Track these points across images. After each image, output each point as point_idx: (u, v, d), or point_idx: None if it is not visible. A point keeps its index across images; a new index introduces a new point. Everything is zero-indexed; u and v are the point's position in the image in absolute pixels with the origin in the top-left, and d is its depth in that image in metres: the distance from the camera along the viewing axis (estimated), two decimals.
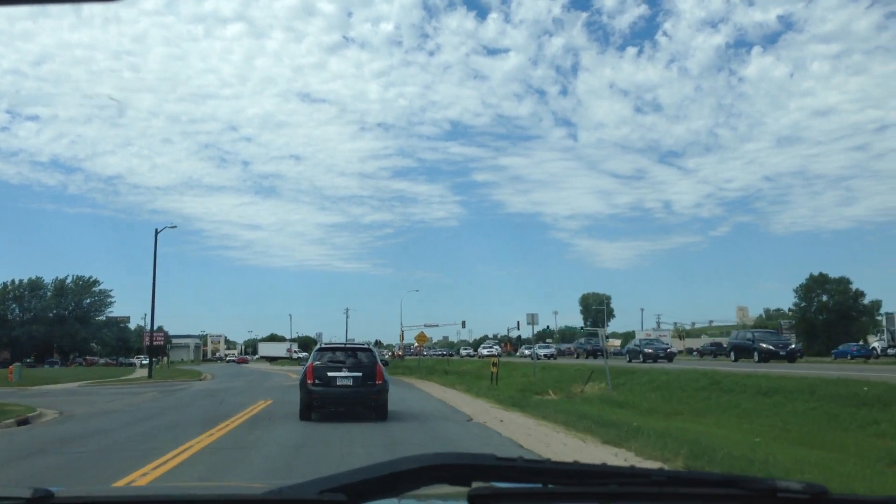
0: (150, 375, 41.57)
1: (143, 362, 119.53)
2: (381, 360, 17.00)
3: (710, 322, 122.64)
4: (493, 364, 31.70)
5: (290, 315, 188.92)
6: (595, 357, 46.16)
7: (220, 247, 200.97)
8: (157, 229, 39.83)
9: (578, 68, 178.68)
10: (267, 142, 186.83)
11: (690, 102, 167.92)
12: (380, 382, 15.32)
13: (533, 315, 36.62)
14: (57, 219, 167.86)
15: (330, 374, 15.22)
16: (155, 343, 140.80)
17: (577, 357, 52.97)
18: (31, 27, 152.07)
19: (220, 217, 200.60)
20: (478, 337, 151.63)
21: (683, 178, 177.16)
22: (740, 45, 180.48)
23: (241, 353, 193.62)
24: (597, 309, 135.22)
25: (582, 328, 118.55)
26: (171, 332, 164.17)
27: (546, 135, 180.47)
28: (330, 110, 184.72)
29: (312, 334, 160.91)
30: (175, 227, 37.83)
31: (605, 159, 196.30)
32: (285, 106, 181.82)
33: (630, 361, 42.24)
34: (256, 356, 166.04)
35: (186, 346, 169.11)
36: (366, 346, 18.13)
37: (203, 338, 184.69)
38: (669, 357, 42.74)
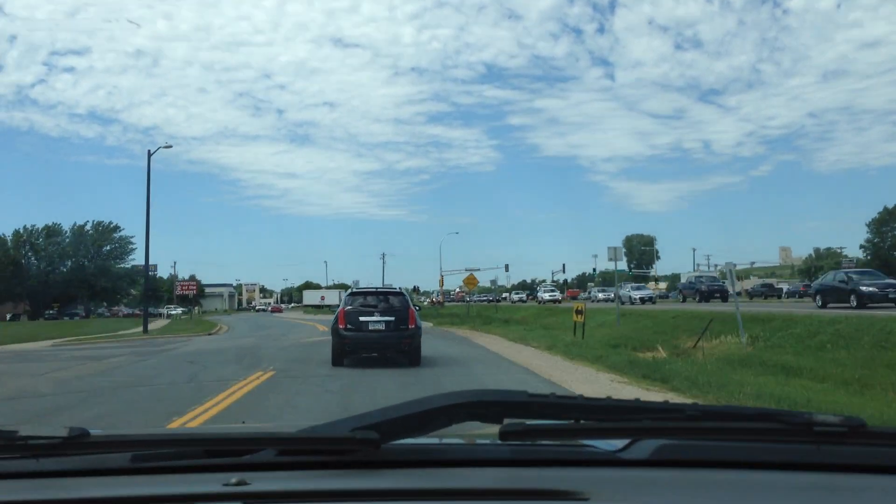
0: (145, 330, 34.24)
1: (172, 312, 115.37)
2: (414, 306, 16.27)
3: (752, 263, 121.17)
4: (578, 311, 23.85)
5: (326, 262, 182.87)
6: (707, 301, 39.97)
7: (257, 196, 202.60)
8: (149, 150, 32.46)
9: (616, 5, 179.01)
10: (301, 89, 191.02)
11: (732, 37, 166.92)
12: (412, 326, 15.09)
13: (615, 249, 28.49)
14: (96, 170, 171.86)
15: (362, 318, 14.93)
16: (187, 292, 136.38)
17: (685, 301, 44.73)
18: None
19: (257, 166, 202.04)
20: (515, 282, 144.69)
21: (724, 117, 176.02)
22: None
23: (277, 302, 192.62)
24: (641, 251, 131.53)
25: (629, 271, 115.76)
26: (205, 281, 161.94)
27: (583, 75, 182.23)
28: (363, 55, 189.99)
29: (349, 282, 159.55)
30: (170, 146, 30.58)
31: (643, 99, 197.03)
32: (318, 52, 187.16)
33: (684, 301, 41.67)
34: (290, 305, 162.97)
35: (220, 296, 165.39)
36: (398, 289, 17.06)
37: (238, 287, 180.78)
38: (724, 296, 39.54)
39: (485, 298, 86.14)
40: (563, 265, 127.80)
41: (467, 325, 35.67)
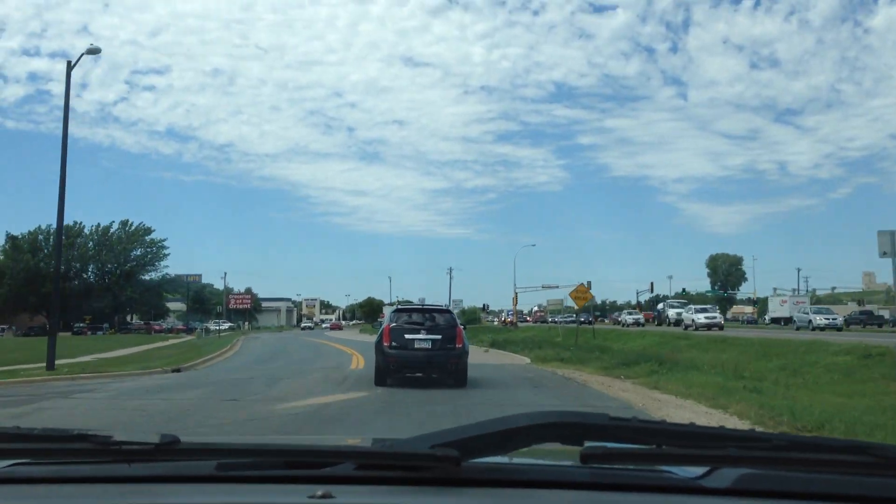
0: (49, 365, 19.03)
1: (215, 327, 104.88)
2: (461, 324, 16.03)
3: (833, 289, 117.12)
4: None
5: (390, 278, 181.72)
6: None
7: (327, 213, 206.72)
8: (69, 61, 19.98)
9: (690, 23, 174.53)
10: (371, 107, 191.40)
11: (811, 57, 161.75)
12: (459, 346, 14.76)
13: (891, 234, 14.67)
14: (173, 186, 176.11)
15: (407, 336, 14.62)
16: (241, 306, 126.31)
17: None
18: None
19: (327, 183, 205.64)
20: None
21: (801, 138, 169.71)
22: None
23: (339, 318, 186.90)
24: (727, 271, 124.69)
25: (710, 291, 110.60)
26: (263, 295, 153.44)
27: (654, 95, 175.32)
28: (433, 74, 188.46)
29: (414, 298, 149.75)
30: (98, 51, 17.43)
31: (716, 119, 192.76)
32: (389, 70, 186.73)
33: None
34: (352, 322, 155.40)
35: (277, 311, 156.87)
36: (445, 307, 17.13)
37: (297, 303, 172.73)
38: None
39: (569, 320, 71.76)
40: (652, 284, 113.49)
41: (580, 363, 21.79)
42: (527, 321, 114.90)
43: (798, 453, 1.40)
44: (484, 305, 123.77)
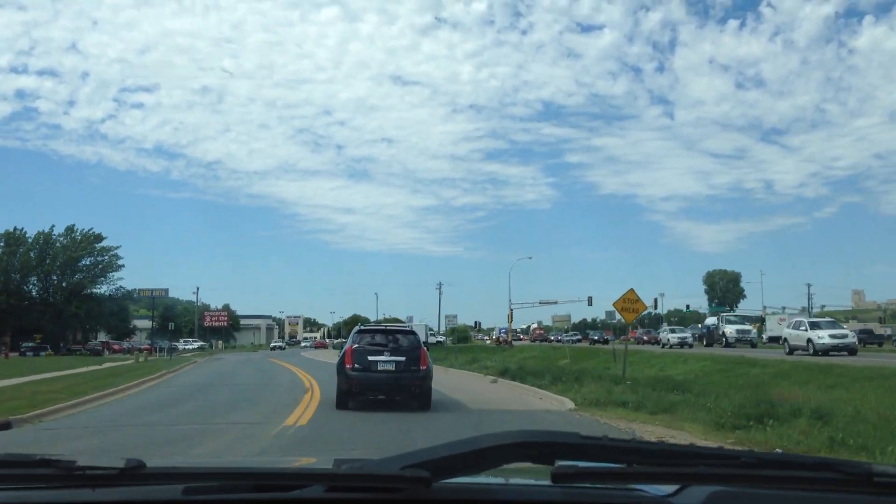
0: None
1: (188, 346, 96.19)
2: (424, 344, 16.03)
3: (823, 307, 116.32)
4: None
5: (377, 294, 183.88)
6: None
7: (315, 230, 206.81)
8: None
9: (676, 44, 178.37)
10: (360, 125, 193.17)
11: (796, 77, 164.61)
12: (424, 368, 14.34)
13: None
14: (161, 203, 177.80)
15: (371, 357, 14.18)
16: (217, 323, 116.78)
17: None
18: (136, 15, 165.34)
19: (315, 201, 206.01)
20: (579, 319, 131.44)
21: (787, 157, 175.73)
22: (851, 14, 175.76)
23: (324, 336, 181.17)
24: (725, 288, 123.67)
25: (710, 308, 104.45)
26: (243, 312, 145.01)
27: (641, 114, 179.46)
28: (422, 93, 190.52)
29: (402, 316, 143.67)
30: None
31: (703, 138, 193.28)
32: (378, 89, 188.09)
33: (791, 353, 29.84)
34: (337, 340, 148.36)
35: (256, 328, 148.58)
36: (408, 328, 16.83)
37: (279, 320, 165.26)
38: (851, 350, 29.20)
39: (573, 338, 63.74)
40: (656, 300, 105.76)
41: (665, 412, 13.48)
42: (521, 339, 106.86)
43: (767, 470, 1.41)
44: (476, 323, 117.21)
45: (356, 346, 14.46)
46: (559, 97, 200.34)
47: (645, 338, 64.96)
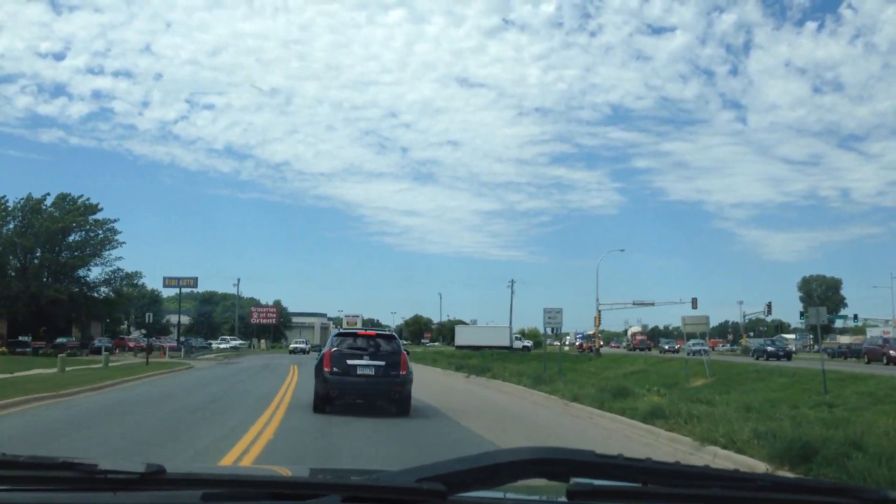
0: None
1: (223, 345, 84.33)
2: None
3: None
4: None
5: (440, 294, 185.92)
6: None
7: (379, 232, 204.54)
8: None
9: (751, 46, 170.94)
10: (425, 128, 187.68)
11: (877, 81, 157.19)
12: (403, 373, 14.27)
13: None
14: (230, 203, 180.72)
15: (350, 361, 14.01)
16: (265, 321, 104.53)
17: None
18: (208, 18, 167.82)
19: (380, 203, 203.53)
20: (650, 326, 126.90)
21: (865, 164, 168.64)
22: None
23: None
24: (823, 296, 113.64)
25: (804, 318, 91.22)
26: (293, 310, 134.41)
27: (713, 118, 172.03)
28: (488, 95, 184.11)
29: (466, 319, 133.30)
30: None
31: (777, 144, 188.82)
32: (444, 91, 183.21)
33: None
34: (406, 341, 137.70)
35: (310, 327, 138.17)
36: (389, 332, 16.96)
37: (336, 319, 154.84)
38: None
39: (696, 348, 47.97)
40: (769, 304, 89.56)
41: None
42: (604, 347, 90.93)
43: (782, 494, 1.42)
44: (553, 328, 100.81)
45: (335, 349, 14.35)
46: (628, 100, 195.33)
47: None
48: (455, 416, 15.28)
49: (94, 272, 54.84)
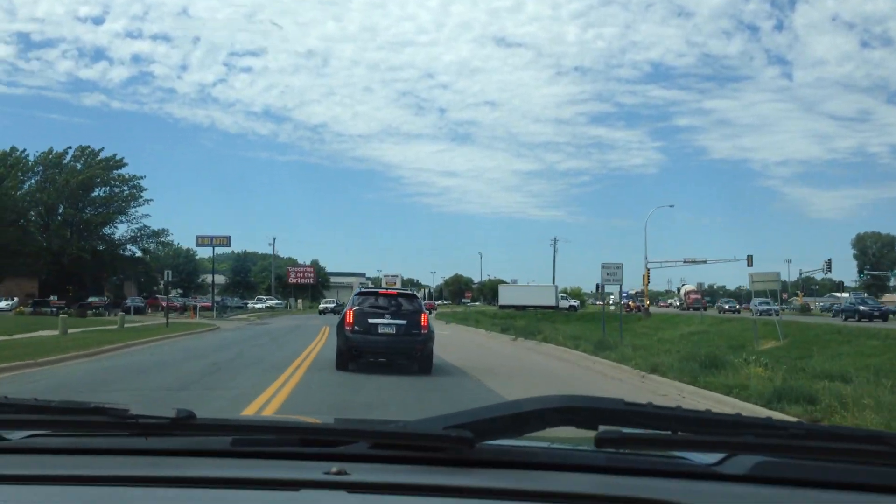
0: None
1: (258, 306, 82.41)
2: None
3: None
4: None
5: (480, 253, 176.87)
6: None
7: (418, 193, 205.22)
8: None
9: (797, 0, 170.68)
10: (462, 88, 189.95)
11: None
12: (425, 332, 14.26)
13: None
14: (270, 166, 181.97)
15: (371, 320, 13.99)
16: (303, 280, 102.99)
17: None
18: None
19: (418, 164, 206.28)
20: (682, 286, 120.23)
21: None
22: None
23: (427, 297, 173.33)
24: (878, 252, 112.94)
25: (861, 275, 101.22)
26: (332, 270, 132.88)
27: (757, 75, 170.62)
28: (525, 55, 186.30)
29: (506, 278, 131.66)
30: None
31: (823, 100, 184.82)
32: (480, 51, 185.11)
33: None
34: (440, 301, 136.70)
35: (349, 287, 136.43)
36: (410, 291, 16.82)
37: (375, 279, 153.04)
38: None
39: (764, 307, 43.86)
40: (829, 262, 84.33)
41: None
42: (651, 307, 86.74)
43: (815, 442, 1.39)
44: (597, 286, 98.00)
45: (357, 307, 14.24)
46: (669, 58, 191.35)
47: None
48: (507, 389, 12.03)
49: (121, 230, 52.58)
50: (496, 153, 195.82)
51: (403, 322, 14.05)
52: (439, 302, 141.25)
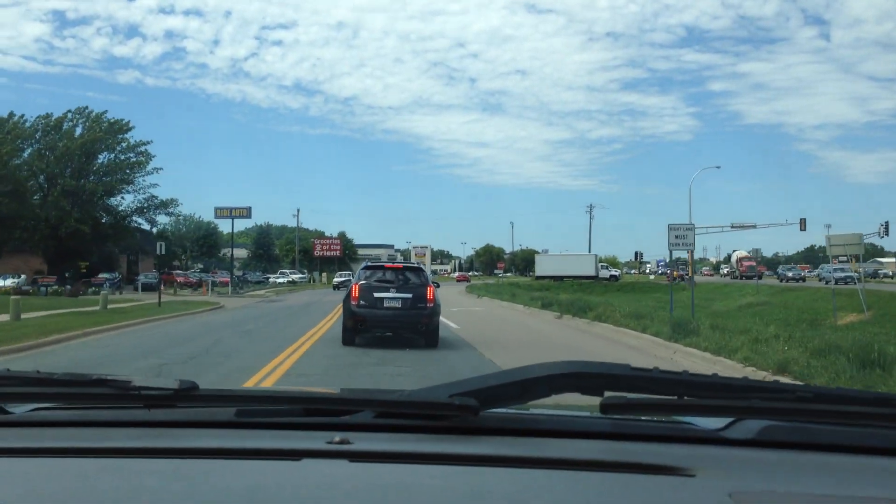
0: None
1: (280, 280, 78.83)
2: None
3: None
4: None
5: (512, 223, 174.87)
6: None
7: (449, 164, 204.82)
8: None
9: None
10: (493, 57, 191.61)
11: None
12: (431, 305, 14.11)
13: None
14: (300, 140, 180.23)
15: (377, 294, 13.99)
16: (329, 252, 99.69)
17: None
18: None
19: (449, 135, 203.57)
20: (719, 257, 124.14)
21: None
22: None
23: (458, 268, 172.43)
24: None
25: None
26: (361, 242, 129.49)
27: (793, 36, 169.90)
28: (557, 21, 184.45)
29: (538, 248, 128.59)
30: None
31: (862, 60, 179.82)
32: (511, 19, 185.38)
33: None
34: (472, 272, 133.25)
35: (376, 259, 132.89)
36: (416, 264, 16.59)
37: (404, 251, 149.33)
38: None
39: (840, 275, 38.83)
40: (885, 225, 78.46)
41: None
42: (703, 275, 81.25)
43: (823, 405, 1.39)
44: (636, 254, 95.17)
45: (363, 282, 14.24)
46: (703, 21, 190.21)
47: None
48: None
49: (128, 200, 48.59)
50: (527, 122, 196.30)
51: (409, 296, 13.91)
52: (471, 273, 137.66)
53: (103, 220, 46.67)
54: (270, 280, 75.78)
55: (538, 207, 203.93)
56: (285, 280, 75.37)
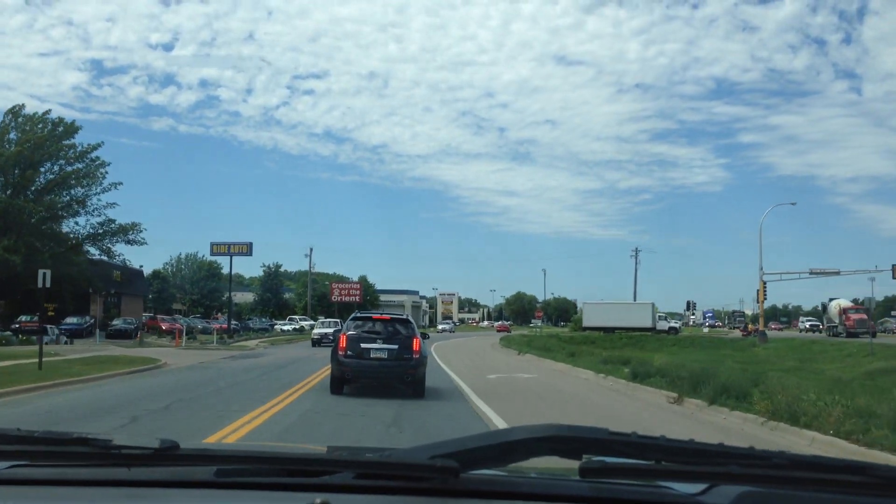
0: None
1: (286, 327, 69.41)
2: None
3: None
4: None
5: (544, 270, 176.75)
6: None
7: (477, 213, 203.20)
8: None
9: (865, 12, 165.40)
10: (522, 107, 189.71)
11: None
12: (417, 356, 14.29)
13: None
14: (329, 187, 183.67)
15: (364, 345, 14.17)
16: (348, 298, 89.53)
17: None
18: (307, 4, 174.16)
19: (477, 184, 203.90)
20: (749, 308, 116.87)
21: None
22: None
23: (485, 317, 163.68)
24: None
25: None
26: (382, 287, 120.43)
27: (825, 89, 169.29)
28: (586, 73, 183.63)
29: (570, 297, 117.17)
30: None
31: (894, 114, 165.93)
32: (541, 70, 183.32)
33: None
34: (508, 322, 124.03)
35: (400, 305, 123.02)
36: (404, 316, 16.43)
37: (430, 299, 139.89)
38: None
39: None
40: None
41: None
42: (772, 329, 70.29)
43: (798, 472, 1.40)
44: (688, 304, 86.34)
45: (350, 332, 14.38)
46: (733, 73, 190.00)
47: None
48: None
49: (80, 223, 39.00)
50: (557, 172, 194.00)
51: (395, 347, 14.09)
52: (497, 323, 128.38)
53: (43, 249, 36.92)
54: (276, 327, 66.96)
55: (568, 256, 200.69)
56: (291, 328, 66.29)
